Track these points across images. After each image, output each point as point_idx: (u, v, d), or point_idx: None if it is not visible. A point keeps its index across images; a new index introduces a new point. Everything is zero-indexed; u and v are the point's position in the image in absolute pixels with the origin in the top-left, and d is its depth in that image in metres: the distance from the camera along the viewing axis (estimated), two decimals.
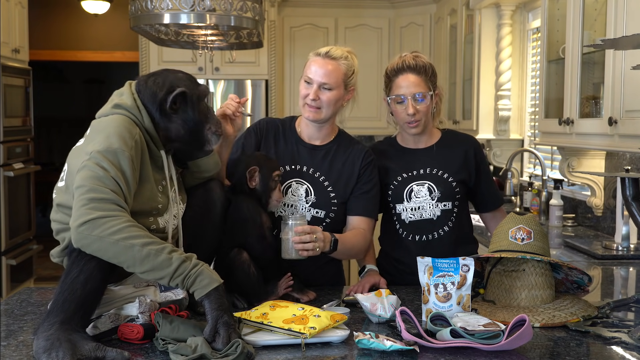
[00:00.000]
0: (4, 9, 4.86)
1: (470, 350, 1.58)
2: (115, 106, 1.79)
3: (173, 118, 1.82)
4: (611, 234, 3.17)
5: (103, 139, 1.67)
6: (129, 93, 1.81)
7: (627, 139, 2.46)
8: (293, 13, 6.18)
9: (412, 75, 2.22)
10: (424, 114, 2.23)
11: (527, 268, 1.89)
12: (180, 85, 1.82)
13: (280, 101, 6.07)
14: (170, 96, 1.79)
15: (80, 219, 1.57)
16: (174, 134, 1.83)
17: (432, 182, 2.26)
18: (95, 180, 1.61)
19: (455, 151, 2.31)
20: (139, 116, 1.78)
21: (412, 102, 2.20)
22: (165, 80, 1.83)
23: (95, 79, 10.48)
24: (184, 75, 1.88)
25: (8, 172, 4.92)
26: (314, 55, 2.19)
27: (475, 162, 2.33)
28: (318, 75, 2.13)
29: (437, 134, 2.35)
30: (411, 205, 2.27)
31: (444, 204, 2.26)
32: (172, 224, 1.84)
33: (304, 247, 1.92)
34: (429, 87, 2.23)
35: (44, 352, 1.49)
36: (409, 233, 2.28)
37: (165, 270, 1.58)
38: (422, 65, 2.23)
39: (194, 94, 1.85)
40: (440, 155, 2.30)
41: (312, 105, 2.15)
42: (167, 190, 1.83)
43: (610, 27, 2.56)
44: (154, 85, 1.81)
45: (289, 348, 1.61)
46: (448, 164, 2.29)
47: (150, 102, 1.80)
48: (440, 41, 5.69)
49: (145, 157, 1.76)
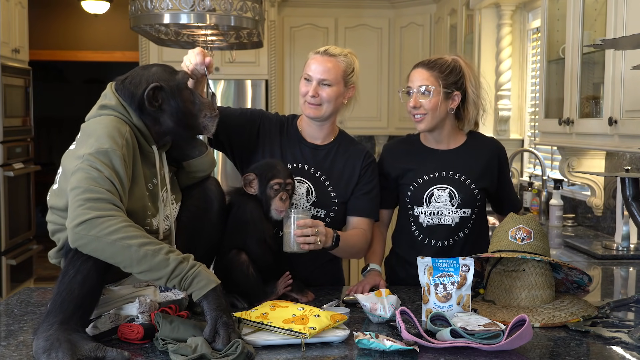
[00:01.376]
0: (4, 9, 4.86)
1: (470, 350, 1.58)
2: (101, 107, 1.79)
3: (158, 113, 1.80)
4: (611, 234, 3.17)
5: (94, 141, 1.67)
6: (111, 93, 1.81)
7: (627, 139, 2.46)
8: (293, 13, 6.18)
9: (423, 70, 2.19)
10: (429, 109, 2.16)
11: (527, 268, 1.89)
12: (154, 81, 1.79)
13: (280, 101, 6.07)
14: (145, 93, 1.77)
15: (77, 219, 1.56)
16: (164, 127, 1.82)
17: (453, 188, 2.21)
18: (90, 181, 1.61)
19: (479, 156, 2.26)
20: (125, 114, 1.78)
21: (416, 94, 2.17)
22: (141, 78, 1.80)
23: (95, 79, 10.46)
24: (158, 69, 1.84)
25: (8, 172, 4.92)
26: (313, 53, 2.19)
27: (498, 168, 2.28)
28: (317, 72, 2.13)
29: (461, 137, 2.28)
30: (430, 209, 2.22)
31: (464, 211, 2.22)
32: (163, 225, 1.83)
33: (305, 240, 1.92)
34: (438, 84, 2.16)
35: (43, 352, 1.49)
36: (425, 236, 2.24)
37: (162, 271, 1.57)
38: (439, 63, 2.19)
39: (172, 85, 1.81)
40: (463, 160, 2.25)
41: (312, 102, 2.15)
42: (158, 188, 1.82)
43: (610, 27, 2.56)
44: (130, 85, 1.79)
45: (289, 348, 1.61)
46: (471, 170, 2.23)
47: (130, 103, 1.79)
48: (440, 41, 5.69)
49: (136, 155, 1.75)
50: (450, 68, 2.18)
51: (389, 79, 6.20)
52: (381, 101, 6.24)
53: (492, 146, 2.31)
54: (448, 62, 2.19)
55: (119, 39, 7.49)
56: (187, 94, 1.84)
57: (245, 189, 2.04)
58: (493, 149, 2.30)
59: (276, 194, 2.01)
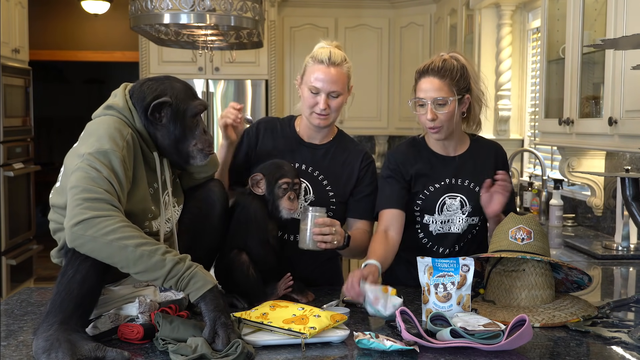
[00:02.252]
0: (4, 9, 4.86)
1: (470, 350, 1.58)
2: (107, 107, 1.79)
3: (158, 126, 1.80)
4: (611, 234, 3.17)
5: (94, 141, 1.68)
6: (122, 94, 1.81)
7: (627, 139, 2.46)
8: (293, 13, 6.18)
9: (435, 79, 2.08)
10: (445, 120, 2.09)
11: (527, 268, 1.89)
12: (168, 95, 1.79)
13: (280, 101, 6.07)
14: (153, 103, 1.77)
15: (75, 218, 1.57)
16: (159, 142, 1.82)
17: (464, 196, 2.17)
18: (88, 181, 1.61)
19: (484, 162, 2.22)
20: (130, 117, 1.78)
21: (431, 106, 2.08)
22: (159, 86, 1.80)
23: (95, 79, 10.47)
24: (182, 87, 1.83)
25: (8, 172, 4.92)
26: (315, 62, 2.13)
27: (494, 170, 2.20)
28: (326, 84, 2.10)
29: (466, 141, 2.24)
30: (442, 218, 2.18)
31: (472, 219, 2.19)
32: (164, 227, 1.83)
33: (323, 238, 1.92)
34: (452, 92, 2.08)
35: (43, 352, 1.49)
36: (433, 244, 2.21)
37: (158, 271, 1.57)
38: (448, 69, 2.09)
39: (182, 108, 1.80)
40: (470, 166, 2.20)
41: (322, 113, 2.13)
42: (159, 192, 1.82)
43: (610, 27, 2.56)
44: (147, 90, 1.79)
45: (289, 348, 1.61)
46: (478, 175, 2.19)
47: (138, 105, 1.79)
48: (440, 41, 5.69)
49: (138, 158, 1.76)
50: (459, 73, 2.10)
51: (389, 79, 6.20)
52: (381, 101, 6.23)
53: (493, 150, 2.26)
54: (455, 66, 2.10)
55: (119, 39, 7.49)
56: (192, 123, 1.83)
57: (253, 189, 2.03)
58: (495, 153, 2.25)
59: (284, 193, 2.01)
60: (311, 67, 2.14)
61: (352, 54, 5.74)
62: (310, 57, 2.16)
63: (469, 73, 2.13)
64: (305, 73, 2.16)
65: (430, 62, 2.12)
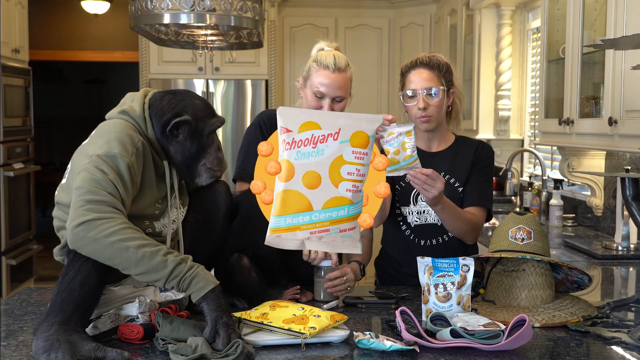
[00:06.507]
0: (4, 9, 4.86)
1: (470, 350, 1.58)
2: (122, 112, 1.79)
3: (173, 142, 1.81)
4: (611, 234, 3.17)
5: (104, 143, 1.68)
6: (140, 102, 1.81)
7: (627, 139, 2.46)
8: (293, 13, 6.18)
9: (424, 70, 2.18)
10: (435, 109, 2.17)
11: (527, 268, 1.89)
12: (189, 113, 1.80)
13: (280, 101, 6.07)
14: (173, 121, 1.78)
15: (76, 220, 1.57)
16: (171, 155, 1.83)
17: None
18: (93, 183, 1.61)
19: (463, 157, 2.27)
20: (143, 126, 1.78)
21: (423, 96, 2.16)
22: (180, 103, 1.81)
23: (95, 79, 10.48)
24: (202, 104, 1.84)
25: (8, 172, 4.92)
26: (320, 67, 2.15)
27: (472, 163, 2.25)
28: (331, 89, 2.13)
29: (450, 139, 2.30)
30: (417, 208, 2.24)
31: None
32: (171, 228, 1.83)
33: (335, 290, 1.99)
34: (442, 83, 2.17)
35: (43, 352, 1.49)
36: (415, 236, 2.25)
37: (160, 272, 1.58)
38: (436, 62, 2.19)
39: (200, 127, 1.82)
40: (449, 160, 2.26)
41: None
42: (167, 197, 1.83)
43: (610, 27, 2.56)
44: (167, 105, 1.80)
45: (289, 348, 1.61)
46: (457, 170, 2.24)
47: (156, 119, 1.79)
48: (440, 41, 5.69)
49: (148, 165, 1.76)
50: (445, 67, 2.20)
51: (389, 79, 6.21)
52: (381, 101, 6.24)
53: (475, 147, 2.29)
54: (441, 60, 2.21)
55: (119, 39, 7.49)
56: (207, 141, 1.84)
57: None
58: (474, 149, 2.28)
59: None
60: (316, 72, 2.15)
61: (352, 54, 5.78)
62: (315, 60, 2.17)
63: (452, 70, 2.24)
64: (309, 76, 2.17)
65: (417, 58, 2.22)
